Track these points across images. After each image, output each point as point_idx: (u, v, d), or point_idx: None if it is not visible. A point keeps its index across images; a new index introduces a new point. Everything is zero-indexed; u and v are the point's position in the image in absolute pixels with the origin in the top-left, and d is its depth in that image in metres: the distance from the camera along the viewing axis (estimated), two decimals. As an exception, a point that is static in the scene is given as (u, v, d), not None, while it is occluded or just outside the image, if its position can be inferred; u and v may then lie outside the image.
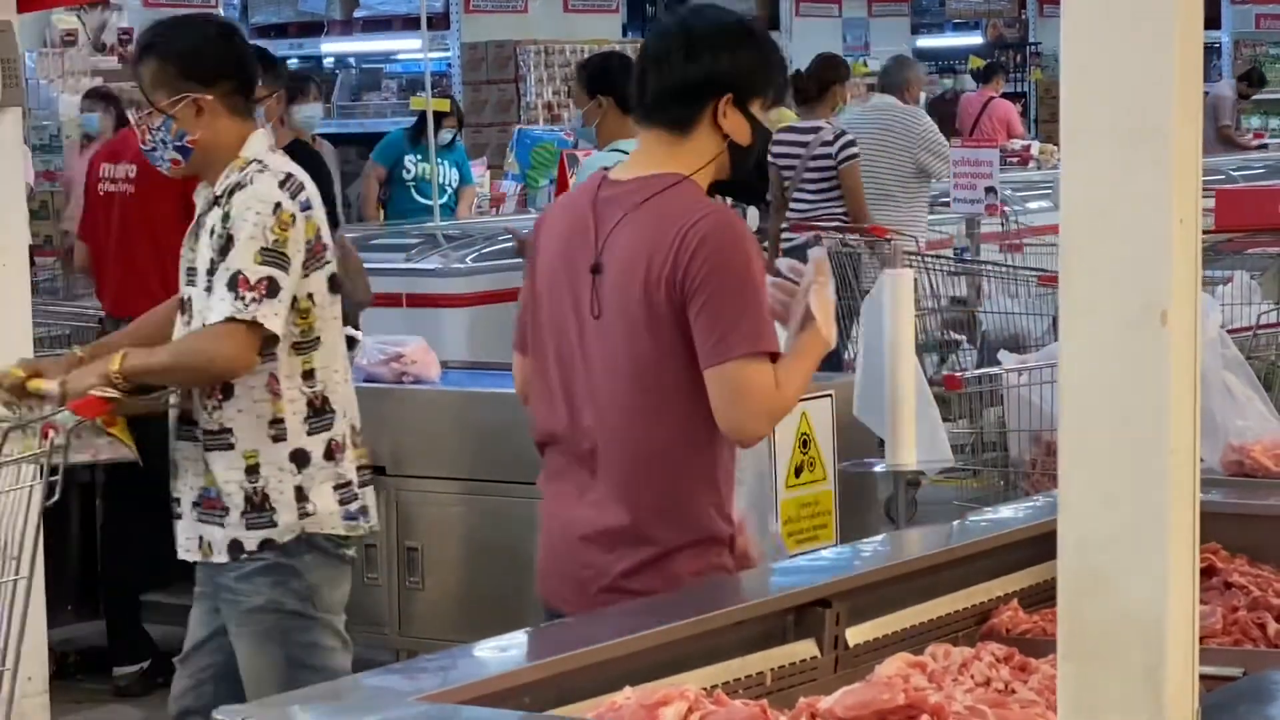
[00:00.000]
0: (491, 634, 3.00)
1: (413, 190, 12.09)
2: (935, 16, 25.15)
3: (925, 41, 24.29)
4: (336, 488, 4.50)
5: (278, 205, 4.39)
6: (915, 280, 9.34)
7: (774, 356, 3.66)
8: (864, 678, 2.87)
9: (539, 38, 16.59)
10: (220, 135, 4.50)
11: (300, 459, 4.46)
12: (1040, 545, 3.43)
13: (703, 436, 3.68)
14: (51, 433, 4.19)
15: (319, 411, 4.47)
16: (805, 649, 3.08)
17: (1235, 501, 3.87)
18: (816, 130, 10.01)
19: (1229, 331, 5.22)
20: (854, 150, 9.91)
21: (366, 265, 8.11)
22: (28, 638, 4.92)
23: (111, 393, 4.36)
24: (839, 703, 2.62)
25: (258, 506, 4.46)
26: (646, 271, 3.65)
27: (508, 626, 3.14)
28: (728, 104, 3.75)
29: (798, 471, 6.10)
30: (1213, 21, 23.25)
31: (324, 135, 13.20)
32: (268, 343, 4.40)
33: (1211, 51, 23.48)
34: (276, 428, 4.44)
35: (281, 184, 4.44)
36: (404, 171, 12.13)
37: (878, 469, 4.29)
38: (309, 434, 4.46)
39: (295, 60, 18.07)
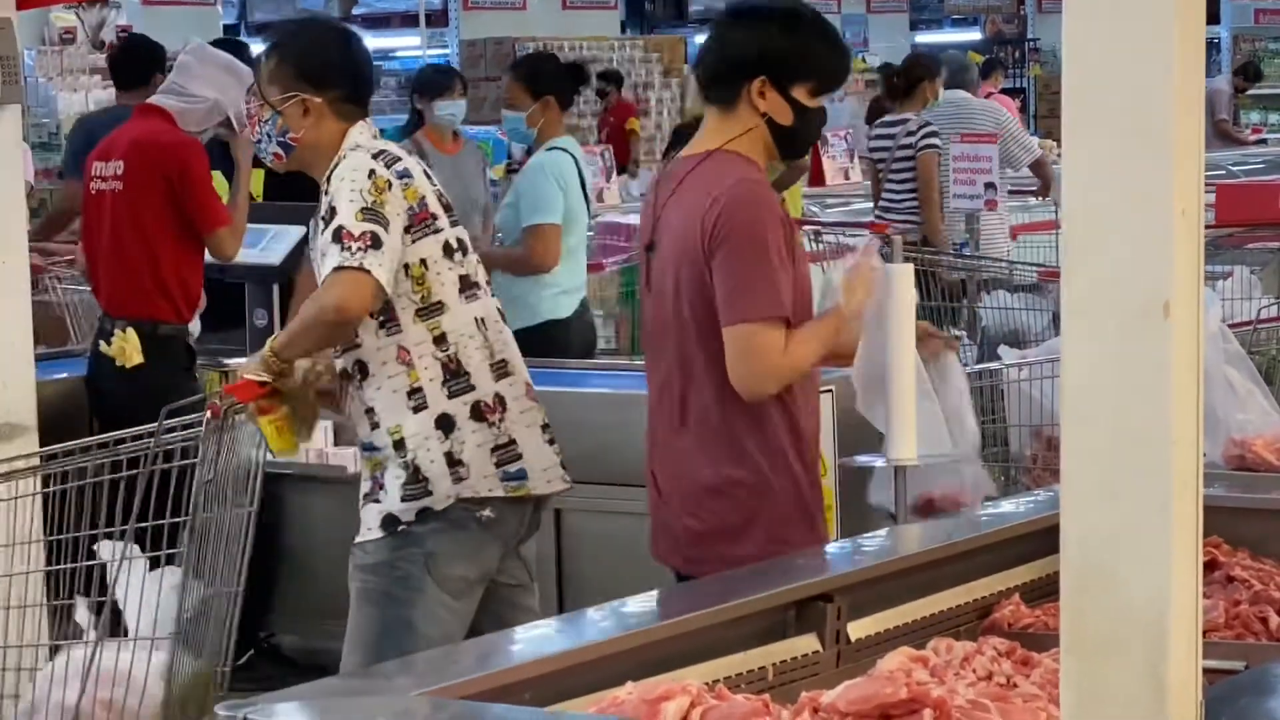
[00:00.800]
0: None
1: None
2: (934, 12, 25.16)
3: (924, 37, 24.29)
4: (494, 449, 4.50)
5: (371, 171, 4.48)
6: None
7: (789, 321, 3.95)
8: (866, 672, 2.87)
9: (538, 35, 16.61)
10: (323, 136, 4.63)
11: (445, 424, 4.48)
12: (1041, 540, 3.43)
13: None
14: (208, 414, 4.31)
15: (456, 374, 4.50)
16: (807, 643, 3.08)
17: (1237, 495, 3.87)
18: (904, 122, 10.23)
19: (1230, 326, 5.21)
20: (934, 141, 10.15)
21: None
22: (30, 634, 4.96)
23: (264, 376, 4.41)
24: (841, 697, 2.62)
25: (411, 478, 4.46)
26: (689, 238, 3.98)
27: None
28: (764, 85, 4.00)
29: (798, 467, 6.08)
30: (1211, 17, 23.26)
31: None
32: (378, 298, 4.42)
33: (1210, 47, 23.49)
34: (416, 398, 4.48)
35: (374, 156, 4.54)
36: None
37: (878, 464, 4.28)
38: (450, 397, 4.48)
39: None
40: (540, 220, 7.55)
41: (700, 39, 21.54)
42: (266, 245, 7.27)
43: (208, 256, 6.99)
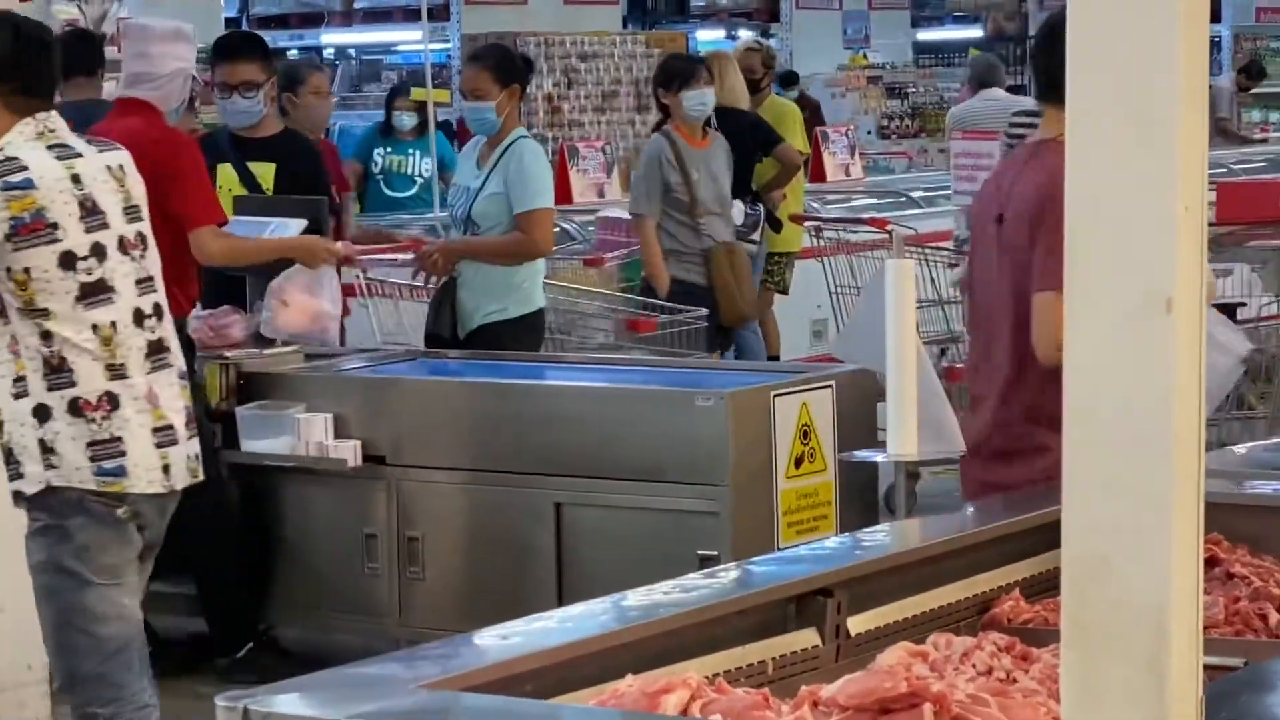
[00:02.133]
0: (493, 623, 3.00)
1: (381, 183, 12.00)
2: (935, 9, 25.14)
3: (925, 34, 24.27)
4: (90, 444, 4.78)
5: None
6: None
7: None
8: (866, 667, 2.87)
9: (539, 30, 16.57)
10: None
11: (41, 414, 4.78)
12: (1041, 535, 3.43)
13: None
14: None
15: (57, 370, 4.77)
16: (807, 638, 3.08)
17: (1237, 492, 3.87)
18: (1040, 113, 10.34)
19: (1230, 323, 5.22)
20: None
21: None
22: (28, 627, 4.98)
23: None
24: (841, 691, 2.62)
25: (7, 459, 4.83)
26: (1021, 215, 4.47)
27: (509, 615, 3.14)
28: None
29: (798, 462, 6.10)
30: (1212, 15, 23.19)
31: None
32: None
33: (1211, 45, 23.44)
34: (19, 385, 4.79)
35: None
36: (373, 165, 12.04)
37: (879, 459, 4.28)
38: (49, 390, 4.77)
39: (295, 51, 18.04)
40: (538, 205, 7.41)
41: (702, 35, 21.32)
42: (268, 237, 7.26)
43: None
